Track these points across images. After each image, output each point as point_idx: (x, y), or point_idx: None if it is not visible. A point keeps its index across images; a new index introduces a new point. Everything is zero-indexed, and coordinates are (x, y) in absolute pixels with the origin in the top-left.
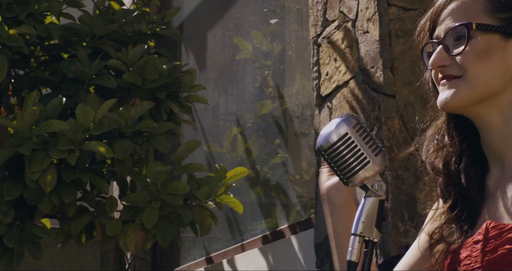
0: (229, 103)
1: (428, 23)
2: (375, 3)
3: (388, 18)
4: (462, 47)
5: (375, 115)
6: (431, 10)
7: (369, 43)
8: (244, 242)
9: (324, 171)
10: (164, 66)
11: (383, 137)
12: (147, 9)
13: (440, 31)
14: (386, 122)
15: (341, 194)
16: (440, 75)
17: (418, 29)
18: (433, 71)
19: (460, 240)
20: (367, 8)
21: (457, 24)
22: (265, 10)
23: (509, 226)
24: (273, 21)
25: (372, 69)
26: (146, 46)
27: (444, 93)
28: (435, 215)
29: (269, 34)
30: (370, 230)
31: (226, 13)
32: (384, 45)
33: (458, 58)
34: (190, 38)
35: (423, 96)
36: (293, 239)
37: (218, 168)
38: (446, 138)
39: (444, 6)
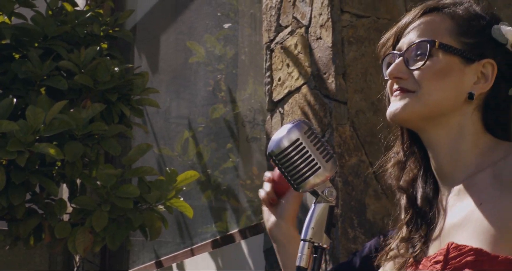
0: (181, 106)
1: (393, 34)
2: (329, 10)
3: (341, 25)
4: (422, 62)
5: (327, 122)
6: (398, 23)
7: (321, 49)
8: (194, 246)
9: (265, 209)
10: (116, 69)
11: (334, 143)
12: (101, 11)
13: (403, 43)
14: (337, 129)
15: (282, 232)
16: (395, 86)
17: (383, 40)
18: (389, 82)
19: (418, 256)
20: (320, 14)
21: (421, 39)
22: (219, 14)
23: (468, 248)
24: (226, 25)
25: (325, 76)
26: (98, 48)
27: (394, 105)
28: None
29: (222, 38)
30: (319, 235)
31: (179, 16)
32: (336, 52)
33: (415, 73)
34: (143, 41)
35: (375, 103)
36: (243, 244)
37: (169, 171)
38: (402, 154)
39: (412, 20)
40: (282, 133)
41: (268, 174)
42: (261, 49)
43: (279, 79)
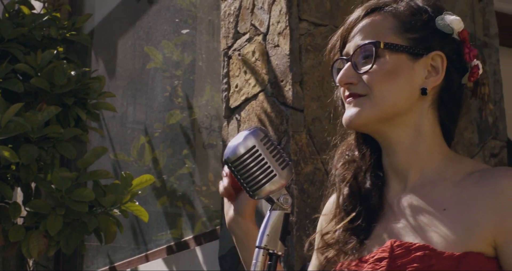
0: (138, 112)
1: (339, 39)
2: (287, 18)
3: (299, 33)
4: (369, 66)
5: (283, 129)
6: (342, 27)
7: (279, 57)
8: (149, 252)
9: (225, 201)
10: (73, 72)
11: (290, 150)
12: (58, 14)
13: (349, 48)
14: (293, 136)
15: (240, 227)
16: (346, 93)
17: (329, 45)
18: (341, 88)
19: (355, 254)
20: (278, 22)
21: (365, 41)
22: (177, 20)
23: (417, 244)
24: (184, 31)
25: (282, 83)
26: (55, 52)
27: (349, 111)
28: (330, 223)
29: (180, 44)
30: (274, 243)
31: (137, 21)
32: (294, 60)
33: (365, 76)
34: (101, 45)
35: (331, 111)
36: (198, 250)
37: (124, 175)
38: (356, 153)
39: (354, 23)
40: (238, 140)
41: (227, 169)
42: (218, 55)
43: (236, 86)
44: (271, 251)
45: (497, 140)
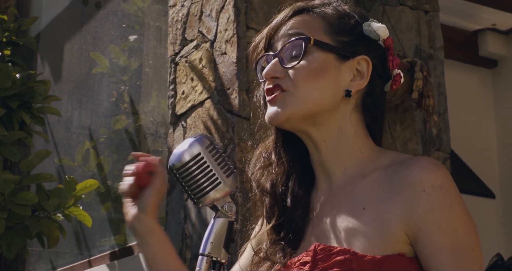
0: (83, 116)
1: (265, 38)
2: (234, 25)
3: (246, 40)
4: (297, 61)
5: (229, 137)
6: (268, 26)
7: (226, 64)
8: (92, 258)
9: (126, 201)
10: (18, 75)
11: (236, 158)
12: (4, 17)
13: (277, 45)
14: (239, 144)
15: (142, 223)
16: (269, 86)
17: (254, 43)
18: (265, 85)
19: (284, 260)
20: (226, 30)
21: (296, 37)
22: (124, 25)
23: (338, 248)
24: (131, 37)
25: (228, 91)
26: (0, 54)
27: (273, 108)
28: (259, 233)
29: (127, 49)
30: (218, 250)
31: (84, 26)
32: (241, 68)
33: (291, 72)
34: (47, 48)
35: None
36: (142, 256)
37: (68, 179)
38: (273, 156)
39: (282, 22)
40: (183, 147)
41: (130, 167)
42: (165, 62)
43: (183, 93)
44: (214, 259)
45: (441, 151)
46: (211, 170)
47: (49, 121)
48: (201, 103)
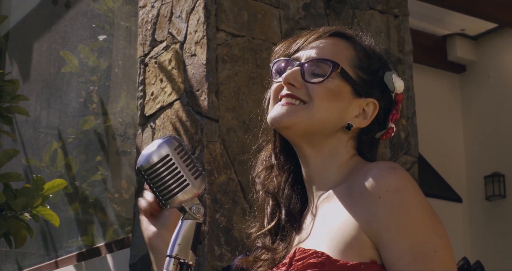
0: (51, 116)
1: (294, 44)
2: (204, 27)
3: (216, 42)
4: (321, 79)
5: (198, 138)
6: (304, 36)
7: (195, 66)
8: (59, 259)
9: (144, 218)
10: None
11: (204, 160)
12: None
13: (302, 55)
14: (208, 146)
15: (164, 240)
16: (284, 92)
17: (282, 44)
18: (275, 86)
19: (272, 263)
20: (196, 31)
21: (324, 57)
22: (94, 25)
23: (312, 251)
24: (101, 37)
25: (197, 93)
26: None
27: (281, 110)
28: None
29: (96, 49)
30: (185, 252)
31: (54, 25)
32: (210, 69)
33: (310, 86)
34: (16, 48)
35: (246, 122)
36: (109, 258)
37: (35, 178)
38: (273, 158)
39: (317, 37)
40: (152, 148)
41: None
42: (135, 62)
43: (152, 94)
44: (182, 261)
45: (409, 155)
46: (179, 172)
47: (17, 121)
48: (170, 104)
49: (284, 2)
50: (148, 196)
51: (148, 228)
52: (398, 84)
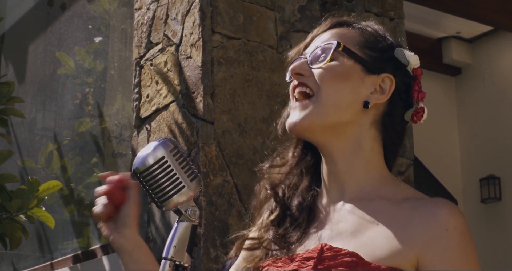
0: (47, 118)
1: (302, 46)
2: (200, 29)
3: (211, 45)
4: (324, 62)
5: (193, 141)
6: (310, 34)
7: (191, 68)
8: (54, 261)
9: (104, 225)
10: None
11: (200, 162)
12: None
13: (308, 50)
14: (203, 148)
15: (130, 239)
16: (294, 83)
17: (293, 50)
18: (291, 85)
19: (283, 254)
20: (191, 33)
21: (327, 43)
22: (90, 27)
23: (346, 251)
24: (97, 39)
25: (193, 95)
26: None
27: (294, 116)
28: (261, 225)
29: (92, 51)
30: (181, 254)
31: (49, 27)
32: (206, 72)
33: (316, 72)
34: (11, 50)
35: (241, 125)
36: (105, 260)
37: (31, 180)
38: (290, 154)
39: (322, 31)
40: (147, 150)
41: (101, 188)
42: (130, 65)
43: (148, 96)
44: (177, 263)
45: (405, 157)
46: (175, 174)
47: (12, 122)
48: (166, 106)
49: (280, 5)
50: (101, 200)
51: (110, 230)
52: (412, 58)
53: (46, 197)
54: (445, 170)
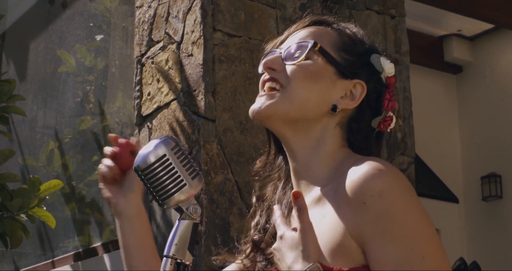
0: (48, 116)
1: (279, 40)
2: (201, 27)
3: (212, 43)
4: (298, 60)
5: (194, 139)
6: (288, 29)
7: (192, 66)
8: (55, 259)
9: (106, 186)
10: None
11: (201, 160)
12: None
13: (284, 45)
14: (204, 146)
15: (134, 204)
16: (266, 77)
17: (268, 44)
18: (261, 79)
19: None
20: (192, 31)
21: (303, 40)
22: (91, 24)
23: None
24: (98, 37)
25: (194, 93)
26: None
27: (260, 101)
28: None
29: (93, 49)
30: (182, 252)
31: (50, 25)
32: (207, 70)
33: (289, 68)
34: (12, 48)
35: (243, 122)
36: (106, 258)
37: (32, 179)
38: (269, 161)
39: (298, 28)
40: (149, 148)
41: (109, 149)
42: (131, 62)
43: (149, 94)
44: (179, 261)
45: (405, 155)
46: (176, 172)
47: (14, 120)
48: (167, 104)
49: (281, 3)
50: (107, 162)
51: (113, 192)
52: (387, 66)
53: (47, 197)
54: (446, 168)
